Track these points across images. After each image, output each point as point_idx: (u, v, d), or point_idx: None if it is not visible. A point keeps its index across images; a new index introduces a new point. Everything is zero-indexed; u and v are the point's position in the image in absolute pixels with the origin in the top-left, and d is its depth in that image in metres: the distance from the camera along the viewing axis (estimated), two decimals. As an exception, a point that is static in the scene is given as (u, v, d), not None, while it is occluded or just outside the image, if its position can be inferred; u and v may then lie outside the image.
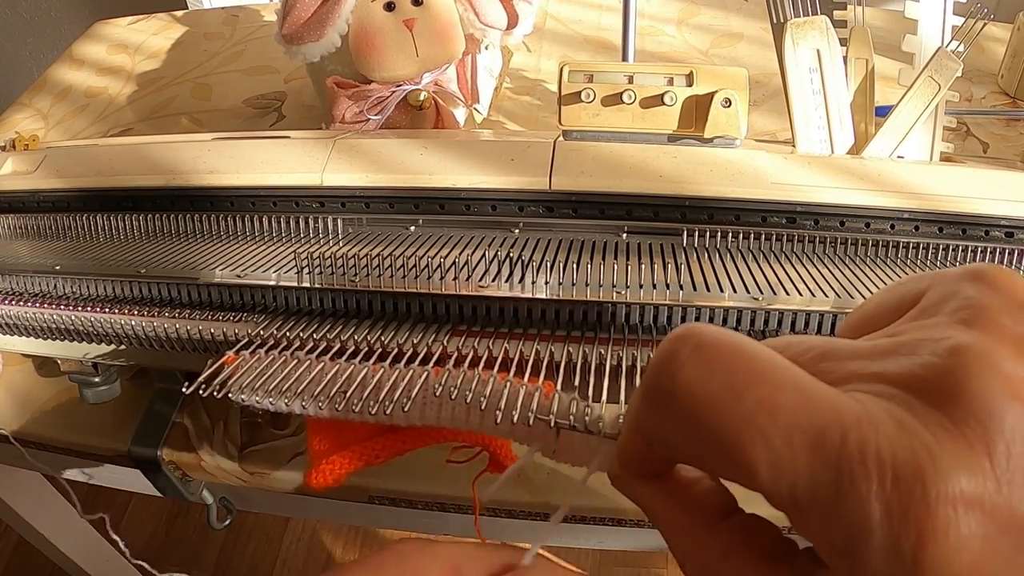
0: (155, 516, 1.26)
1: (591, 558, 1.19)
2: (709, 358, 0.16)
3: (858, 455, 0.14)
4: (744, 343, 0.17)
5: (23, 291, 0.43)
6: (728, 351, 0.16)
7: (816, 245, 0.41)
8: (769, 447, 0.15)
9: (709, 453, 0.16)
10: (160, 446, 0.47)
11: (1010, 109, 0.69)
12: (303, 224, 0.45)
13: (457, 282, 0.38)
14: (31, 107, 0.84)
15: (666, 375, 0.17)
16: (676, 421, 0.17)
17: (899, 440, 0.14)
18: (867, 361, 0.17)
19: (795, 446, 0.15)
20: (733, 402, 0.16)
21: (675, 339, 0.17)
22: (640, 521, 0.43)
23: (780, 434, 0.15)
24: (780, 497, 0.15)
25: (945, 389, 0.15)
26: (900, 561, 0.14)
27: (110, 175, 0.49)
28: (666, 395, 0.17)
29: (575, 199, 0.43)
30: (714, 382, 0.16)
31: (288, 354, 0.34)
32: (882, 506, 0.14)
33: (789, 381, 0.16)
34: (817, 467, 0.15)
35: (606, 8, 0.88)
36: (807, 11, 0.50)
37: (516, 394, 0.28)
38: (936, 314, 0.17)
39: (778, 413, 0.15)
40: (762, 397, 0.15)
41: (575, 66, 0.46)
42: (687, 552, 0.19)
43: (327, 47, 0.58)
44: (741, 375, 0.16)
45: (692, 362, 0.16)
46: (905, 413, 0.15)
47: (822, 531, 0.15)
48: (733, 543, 0.18)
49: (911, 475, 0.14)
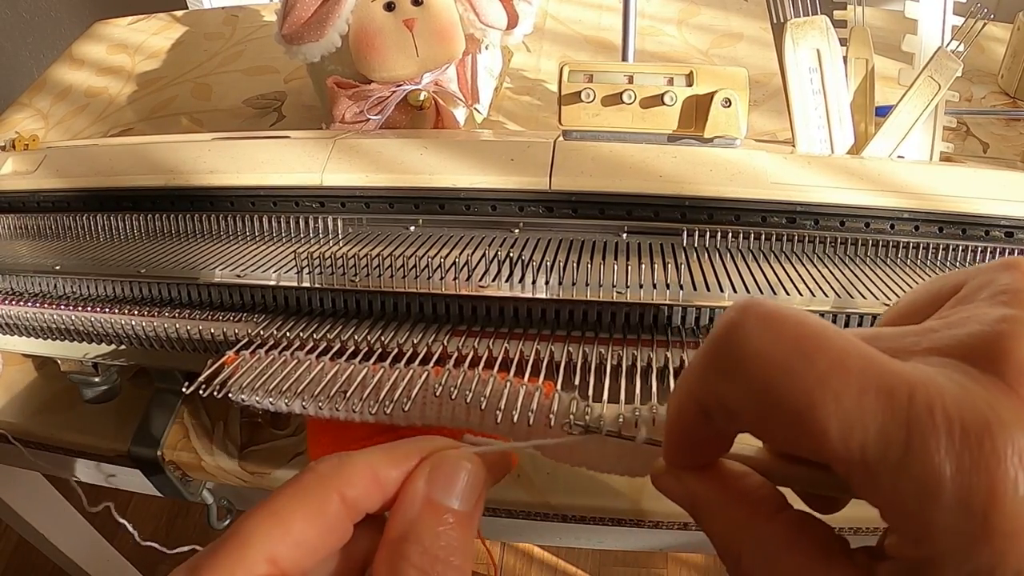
0: (155, 516, 1.26)
1: (591, 558, 1.19)
2: (777, 325, 0.17)
3: (926, 412, 0.15)
4: (805, 314, 0.17)
5: (23, 291, 0.43)
6: (794, 320, 0.17)
7: (816, 245, 0.41)
8: (840, 407, 0.15)
9: (778, 418, 0.17)
10: (160, 446, 0.47)
11: (1010, 109, 0.69)
12: (303, 224, 0.45)
13: (457, 282, 0.38)
14: (31, 107, 0.84)
15: (734, 341, 0.17)
16: (744, 386, 0.17)
17: (964, 399, 0.15)
18: (918, 338, 0.18)
19: (865, 405, 0.15)
20: (804, 365, 0.16)
21: (740, 309, 0.17)
22: (640, 521, 0.43)
23: (851, 394, 0.15)
24: (851, 458, 0.16)
25: (997, 353, 0.16)
26: (971, 516, 0.14)
27: (110, 175, 0.49)
28: (734, 361, 0.17)
29: (575, 199, 0.43)
30: (784, 346, 0.16)
31: (288, 354, 0.34)
32: (953, 460, 0.14)
33: (854, 347, 0.16)
34: (888, 425, 0.15)
35: (606, 8, 0.88)
36: (807, 11, 0.50)
37: (516, 394, 0.28)
38: (975, 300, 0.18)
39: (848, 375, 0.16)
40: (832, 360, 0.16)
41: (575, 66, 0.46)
42: (745, 544, 0.19)
43: (327, 47, 0.58)
44: (810, 340, 0.16)
45: (760, 328, 0.17)
46: (963, 377, 0.16)
47: (893, 491, 0.15)
48: (796, 534, 0.18)
49: (979, 430, 0.14)
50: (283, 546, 0.20)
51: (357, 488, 0.21)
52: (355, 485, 0.21)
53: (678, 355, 0.33)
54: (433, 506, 0.21)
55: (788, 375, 0.16)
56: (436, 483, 0.21)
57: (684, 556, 1.17)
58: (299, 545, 0.20)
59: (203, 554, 0.20)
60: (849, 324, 0.35)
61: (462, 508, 0.21)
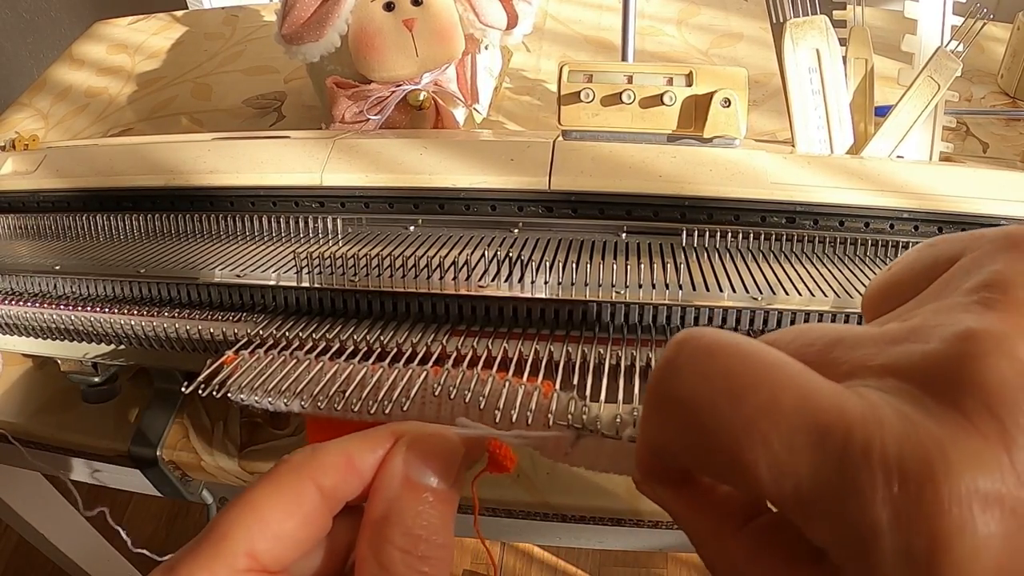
0: (155, 516, 1.26)
1: (591, 558, 1.19)
2: (707, 362, 0.16)
3: (862, 454, 0.14)
4: (744, 344, 0.16)
5: (23, 291, 0.43)
6: (727, 354, 0.16)
7: (815, 245, 0.41)
8: (769, 450, 0.15)
9: (711, 459, 0.16)
10: (160, 446, 0.47)
11: (1010, 109, 0.69)
12: (303, 224, 0.45)
13: (457, 282, 0.38)
14: (31, 107, 0.84)
15: (665, 382, 0.17)
16: (677, 428, 0.17)
17: (907, 438, 0.14)
18: (876, 350, 0.16)
19: (796, 447, 0.14)
20: (732, 407, 0.15)
21: (674, 344, 0.17)
22: (640, 521, 0.43)
23: (781, 436, 0.15)
24: (784, 500, 0.15)
25: (954, 379, 0.14)
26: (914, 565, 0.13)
27: (110, 175, 0.49)
28: (666, 402, 0.17)
29: (575, 199, 0.43)
30: (712, 387, 0.16)
31: (288, 354, 0.34)
32: (890, 509, 0.13)
33: (790, 381, 0.15)
34: (820, 467, 0.14)
35: (606, 8, 0.88)
36: (807, 11, 0.50)
37: (515, 393, 0.28)
38: (957, 290, 0.16)
39: (778, 415, 0.15)
40: (761, 400, 0.15)
41: (575, 66, 0.46)
42: (714, 557, 0.19)
43: (327, 47, 0.58)
44: (740, 378, 0.15)
45: (690, 367, 0.16)
46: (913, 408, 0.14)
47: (831, 534, 0.14)
48: (760, 545, 0.18)
49: (920, 475, 0.13)
50: (262, 540, 0.19)
51: (333, 476, 0.21)
52: (330, 473, 0.21)
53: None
54: (412, 485, 0.20)
55: (716, 417, 0.15)
56: (413, 462, 0.21)
57: (684, 556, 1.17)
58: (278, 538, 0.20)
59: (182, 552, 0.19)
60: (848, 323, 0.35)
61: (440, 486, 0.21)
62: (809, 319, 0.35)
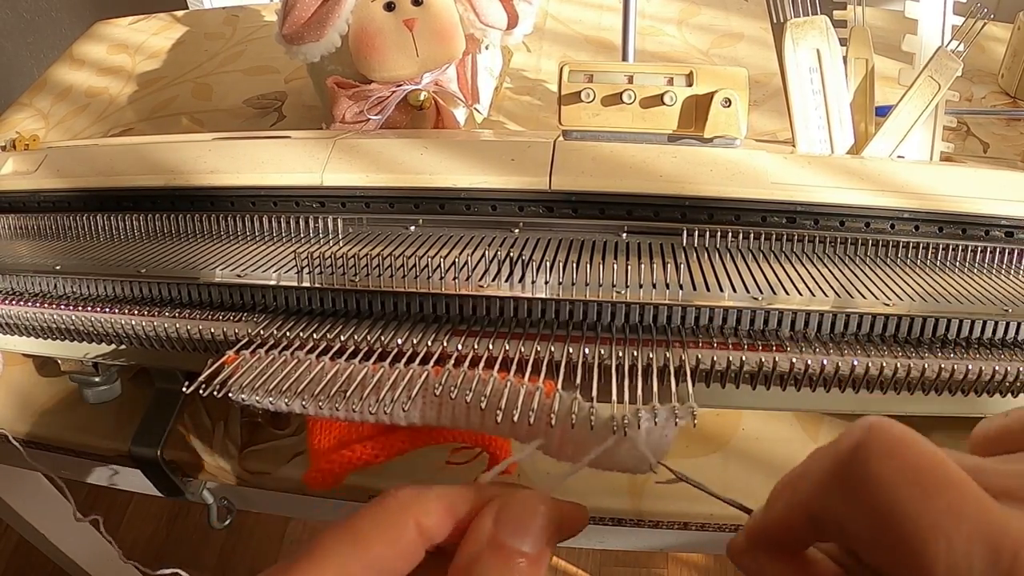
0: (155, 516, 1.26)
1: (591, 558, 1.19)
2: (903, 453, 0.17)
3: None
4: (926, 445, 0.17)
5: (23, 291, 0.43)
6: (918, 452, 0.17)
7: (816, 245, 0.41)
8: (951, 551, 0.16)
9: (888, 545, 0.17)
10: (160, 446, 0.47)
11: (1010, 109, 0.69)
12: (303, 224, 0.45)
13: (457, 282, 0.38)
14: (31, 107, 0.84)
15: (859, 462, 0.17)
16: (861, 509, 0.17)
17: None
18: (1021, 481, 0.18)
19: (973, 555, 0.16)
20: (924, 501, 0.16)
21: (867, 430, 0.18)
22: (640, 521, 0.43)
23: (962, 540, 0.16)
24: None
25: None
26: None
27: (110, 175, 0.49)
28: (857, 482, 0.17)
29: (575, 199, 0.43)
30: (906, 478, 0.17)
31: (288, 354, 0.34)
32: None
33: (970, 489, 0.17)
34: None
35: (606, 8, 0.88)
36: (807, 11, 0.50)
37: (516, 394, 0.28)
38: None
39: (961, 520, 0.16)
40: (951, 502, 0.16)
41: (575, 66, 0.46)
42: None
43: (327, 47, 0.58)
44: (931, 476, 0.17)
45: (886, 455, 0.17)
46: None
47: None
48: None
49: None
50: (357, 566, 0.20)
51: (432, 518, 0.22)
52: (432, 516, 0.22)
53: (678, 355, 0.33)
54: (498, 545, 0.21)
55: (908, 507, 0.17)
56: (503, 523, 0.22)
57: (684, 556, 1.17)
58: (371, 566, 0.21)
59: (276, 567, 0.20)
60: (849, 323, 0.35)
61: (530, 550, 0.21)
62: (809, 319, 0.35)
